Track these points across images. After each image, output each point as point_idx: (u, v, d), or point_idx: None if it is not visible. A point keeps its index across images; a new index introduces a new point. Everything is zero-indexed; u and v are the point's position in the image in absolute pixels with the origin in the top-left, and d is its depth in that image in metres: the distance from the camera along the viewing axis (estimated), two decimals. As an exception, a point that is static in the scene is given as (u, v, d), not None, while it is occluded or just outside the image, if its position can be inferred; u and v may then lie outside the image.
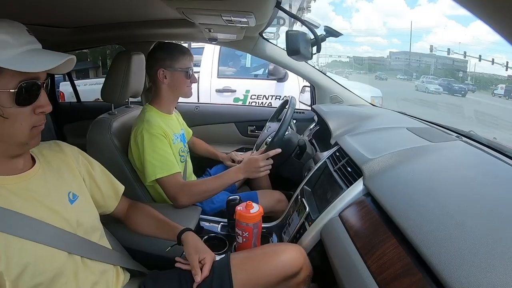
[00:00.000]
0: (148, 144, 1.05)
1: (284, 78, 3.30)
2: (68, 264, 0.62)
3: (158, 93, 1.19)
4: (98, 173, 0.79)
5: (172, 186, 1.06)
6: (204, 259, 0.77)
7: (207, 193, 1.10)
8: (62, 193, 0.66)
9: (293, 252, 0.80)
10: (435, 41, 61.52)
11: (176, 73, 1.16)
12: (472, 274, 0.44)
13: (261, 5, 0.80)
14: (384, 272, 0.56)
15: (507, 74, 17.00)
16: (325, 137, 1.30)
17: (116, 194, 0.85)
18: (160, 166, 1.05)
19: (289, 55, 0.95)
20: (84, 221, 0.68)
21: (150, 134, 1.06)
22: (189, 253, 0.78)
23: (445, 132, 1.08)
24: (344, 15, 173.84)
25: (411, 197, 0.66)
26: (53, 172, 0.67)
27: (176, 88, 1.18)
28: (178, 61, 1.15)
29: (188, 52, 1.19)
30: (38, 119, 0.59)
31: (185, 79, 1.17)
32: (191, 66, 1.19)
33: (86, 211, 0.71)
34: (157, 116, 1.14)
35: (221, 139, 1.94)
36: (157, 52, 1.17)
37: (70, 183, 0.69)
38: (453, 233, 0.52)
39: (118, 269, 0.77)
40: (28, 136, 0.58)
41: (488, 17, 0.25)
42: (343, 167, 0.94)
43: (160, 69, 1.14)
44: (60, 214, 0.63)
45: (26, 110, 0.57)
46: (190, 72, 1.18)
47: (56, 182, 0.66)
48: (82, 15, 1.31)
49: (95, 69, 9.88)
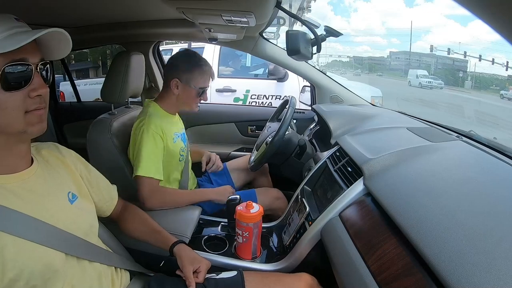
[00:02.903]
0: (146, 141, 1.06)
1: (284, 78, 3.30)
2: (65, 267, 0.60)
3: (165, 96, 1.18)
4: (95, 177, 0.78)
5: (146, 188, 1.06)
6: (199, 267, 0.78)
7: (177, 205, 1.11)
8: (61, 192, 0.65)
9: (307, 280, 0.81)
10: (434, 40, 61.50)
11: (189, 89, 1.14)
12: (472, 274, 0.44)
13: (261, 5, 0.80)
14: (384, 272, 0.56)
15: (507, 74, 16.97)
16: (325, 137, 1.30)
17: (112, 199, 0.84)
18: (147, 166, 1.05)
19: (289, 55, 0.95)
20: (83, 222, 0.67)
21: (150, 132, 1.06)
22: (183, 265, 0.78)
23: (445, 132, 1.08)
24: (342, 15, 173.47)
25: (411, 197, 0.66)
26: (52, 172, 0.65)
27: (184, 102, 1.18)
28: (194, 78, 1.14)
29: (208, 71, 1.16)
30: (32, 102, 0.54)
31: (195, 97, 1.16)
32: (207, 86, 1.17)
33: (86, 212, 0.70)
34: (160, 114, 1.14)
35: (221, 139, 1.94)
36: (178, 60, 1.15)
37: (69, 183, 0.68)
38: (453, 233, 0.52)
39: (118, 270, 0.76)
40: (24, 123, 0.54)
41: (488, 16, 0.25)
42: (343, 167, 0.94)
43: (175, 78, 1.13)
44: (59, 214, 0.62)
45: (17, 95, 0.53)
46: (203, 92, 1.17)
47: (55, 181, 0.65)
48: (82, 15, 1.31)
49: (95, 69, 9.87)
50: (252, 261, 0.95)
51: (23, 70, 0.53)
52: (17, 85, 0.53)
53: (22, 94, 0.53)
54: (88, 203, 0.73)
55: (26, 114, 0.54)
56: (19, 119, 0.54)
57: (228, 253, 0.99)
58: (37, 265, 0.55)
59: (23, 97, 0.54)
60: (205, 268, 0.80)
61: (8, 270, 0.51)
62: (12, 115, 0.53)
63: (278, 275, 0.87)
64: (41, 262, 0.56)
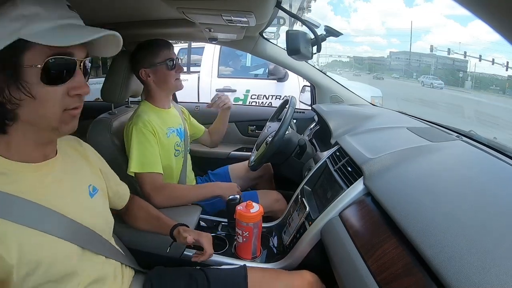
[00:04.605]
0: (135, 138, 1.06)
1: (284, 77, 3.31)
2: (82, 261, 0.59)
3: (148, 91, 1.19)
4: (110, 172, 0.79)
5: (148, 184, 1.05)
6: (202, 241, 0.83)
7: (183, 201, 1.11)
8: (82, 185, 0.65)
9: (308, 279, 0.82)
10: (434, 41, 61.59)
11: (156, 68, 1.14)
12: (472, 273, 0.44)
13: (261, 4, 0.80)
14: (384, 272, 0.56)
15: (507, 74, 16.94)
16: (325, 136, 1.30)
17: (125, 194, 0.86)
18: (141, 162, 1.05)
19: (289, 55, 0.95)
20: (101, 216, 0.67)
21: (138, 128, 1.06)
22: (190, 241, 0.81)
23: (445, 132, 1.08)
24: (342, 15, 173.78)
25: (411, 197, 0.66)
26: (73, 164, 0.65)
27: (163, 84, 1.16)
28: (155, 56, 1.13)
29: (163, 43, 1.16)
30: (72, 101, 0.53)
31: (168, 71, 1.14)
32: (170, 57, 1.15)
33: (104, 206, 0.70)
34: (150, 111, 1.14)
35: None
36: (134, 54, 1.17)
37: (89, 176, 0.68)
38: (453, 233, 0.52)
39: (124, 267, 0.76)
40: (59, 120, 0.52)
41: (488, 16, 0.25)
42: (343, 166, 0.94)
43: (141, 69, 1.14)
44: (79, 208, 0.61)
45: (57, 90, 0.51)
46: (172, 63, 1.14)
47: (77, 174, 0.64)
48: (82, 15, 1.30)
49: (95, 69, 9.84)
50: (252, 261, 0.95)
51: (67, 64, 0.51)
52: (59, 80, 0.51)
53: (62, 90, 0.52)
54: (105, 197, 0.73)
55: (64, 112, 0.53)
56: (56, 116, 0.52)
57: (228, 253, 0.99)
58: (54, 259, 0.54)
59: (62, 93, 0.52)
60: (207, 240, 0.83)
61: (24, 264, 0.50)
62: (51, 110, 0.51)
63: (279, 271, 0.88)
64: (59, 255, 0.55)
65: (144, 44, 1.18)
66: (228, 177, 1.48)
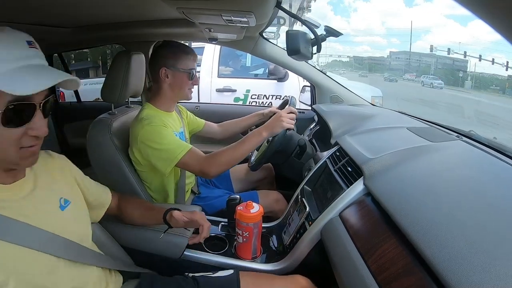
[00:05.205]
0: (155, 136, 1.04)
1: (284, 77, 3.30)
2: (59, 271, 0.60)
3: (158, 91, 1.18)
4: (85, 179, 0.78)
5: (194, 161, 1.05)
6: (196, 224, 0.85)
7: (234, 160, 1.09)
8: (52, 198, 0.64)
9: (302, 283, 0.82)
10: (434, 40, 61.59)
11: (178, 73, 1.15)
12: (472, 273, 0.44)
13: (261, 4, 0.80)
14: (384, 272, 0.56)
15: (507, 74, 16.95)
16: (325, 137, 1.30)
17: (103, 204, 0.84)
18: (174, 149, 1.04)
19: (289, 55, 0.95)
20: (75, 228, 0.67)
21: (153, 126, 1.05)
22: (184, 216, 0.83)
23: (446, 132, 1.08)
24: (342, 14, 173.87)
25: (411, 197, 0.66)
26: (43, 179, 0.65)
27: (177, 89, 1.17)
28: (181, 61, 1.14)
29: (191, 52, 1.17)
30: (29, 140, 0.55)
31: (187, 80, 1.16)
32: (194, 67, 1.18)
33: (78, 218, 0.69)
34: (155, 113, 1.13)
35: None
36: (160, 50, 1.16)
37: (62, 188, 0.68)
38: (453, 233, 0.52)
39: (112, 272, 0.75)
40: (17, 157, 0.55)
41: (488, 16, 0.25)
42: (343, 166, 0.94)
43: (163, 67, 1.14)
44: (49, 220, 0.61)
45: (14, 132, 0.53)
46: (192, 73, 1.17)
47: (46, 189, 0.64)
48: (82, 15, 1.31)
49: (95, 69, 9.86)
50: (252, 261, 0.95)
51: (27, 109, 0.53)
52: (17, 123, 0.53)
53: (20, 131, 0.53)
54: (81, 208, 0.72)
55: (21, 149, 0.55)
56: (13, 154, 0.54)
57: (228, 253, 0.98)
58: (27, 272, 0.54)
59: (20, 134, 0.54)
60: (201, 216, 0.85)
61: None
62: (7, 150, 0.53)
63: (272, 276, 0.87)
64: (31, 266, 0.55)
65: (171, 44, 1.18)
66: (228, 180, 1.47)
